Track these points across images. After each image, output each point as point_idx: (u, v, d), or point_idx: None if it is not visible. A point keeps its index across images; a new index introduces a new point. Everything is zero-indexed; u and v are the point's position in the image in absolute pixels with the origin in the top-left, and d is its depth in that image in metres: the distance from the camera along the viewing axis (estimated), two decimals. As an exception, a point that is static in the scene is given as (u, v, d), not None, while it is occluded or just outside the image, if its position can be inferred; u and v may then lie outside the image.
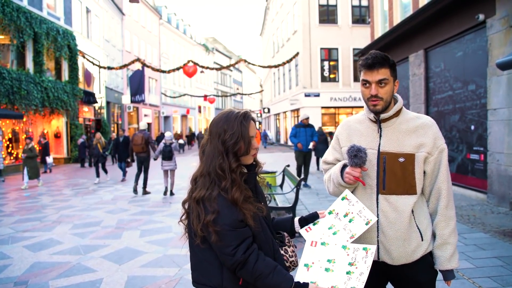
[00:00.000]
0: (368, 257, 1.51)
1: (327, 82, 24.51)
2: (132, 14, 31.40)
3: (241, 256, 1.43)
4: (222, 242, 1.44)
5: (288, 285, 1.43)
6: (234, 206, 1.45)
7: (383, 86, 1.69)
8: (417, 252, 1.71)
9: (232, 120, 1.52)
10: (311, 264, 1.55)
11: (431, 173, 1.73)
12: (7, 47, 15.24)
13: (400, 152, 1.71)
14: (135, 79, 20.98)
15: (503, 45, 6.37)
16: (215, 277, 1.53)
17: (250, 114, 1.56)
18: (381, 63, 1.68)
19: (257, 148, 1.56)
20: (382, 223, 1.71)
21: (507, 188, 6.32)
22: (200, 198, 1.48)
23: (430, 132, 1.72)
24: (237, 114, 1.55)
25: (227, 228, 1.44)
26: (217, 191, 1.47)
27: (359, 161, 1.64)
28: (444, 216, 1.73)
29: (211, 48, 52.86)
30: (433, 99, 8.99)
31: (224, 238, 1.44)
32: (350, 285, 1.46)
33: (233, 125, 1.50)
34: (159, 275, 4.14)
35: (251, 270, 1.43)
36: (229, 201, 1.45)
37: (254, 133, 1.55)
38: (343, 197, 1.70)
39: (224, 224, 1.43)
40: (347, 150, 1.68)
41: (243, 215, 1.45)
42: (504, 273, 3.69)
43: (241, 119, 1.52)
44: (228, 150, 1.49)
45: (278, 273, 1.45)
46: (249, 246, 1.46)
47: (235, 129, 1.50)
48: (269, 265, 1.46)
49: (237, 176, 1.48)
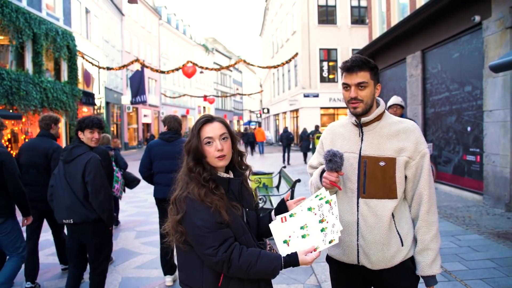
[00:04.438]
0: (333, 207, 1.57)
1: (326, 82, 24.52)
2: (131, 14, 31.41)
3: (222, 255, 1.46)
4: (202, 244, 1.48)
5: (278, 262, 1.48)
6: (203, 206, 1.49)
7: (362, 89, 1.71)
8: (397, 257, 1.71)
9: (194, 124, 1.62)
10: (288, 238, 1.60)
11: (413, 178, 1.74)
12: (6, 48, 15.25)
13: (381, 156, 1.71)
14: (135, 80, 20.97)
15: (499, 47, 6.38)
16: (196, 279, 1.57)
17: (206, 117, 1.61)
18: (360, 66, 1.69)
19: (220, 150, 1.55)
20: (361, 227, 1.72)
21: (502, 189, 6.33)
22: (173, 199, 1.56)
23: (412, 137, 1.73)
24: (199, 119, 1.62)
25: (206, 230, 1.47)
26: (187, 192, 1.53)
27: (334, 165, 1.64)
28: (426, 222, 1.73)
29: (211, 49, 52.87)
30: (430, 100, 9.00)
31: (203, 240, 1.47)
32: (327, 240, 1.53)
33: (192, 128, 1.59)
34: (153, 276, 4.16)
35: (238, 265, 1.46)
36: (197, 201, 1.50)
37: (213, 135, 1.56)
38: (328, 201, 1.64)
39: (201, 226, 1.47)
40: (324, 155, 1.68)
41: (215, 210, 1.48)
42: (496, 275, 3.70)
43: (196, 123, 1.60)
44: (189, 152, 1.58)
45: (264, 256, 1.49)
46: (231, 245, 1.49)
47: (192, 131, 1.59)
48: (254, 253, 1.50)
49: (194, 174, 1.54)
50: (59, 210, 3.04)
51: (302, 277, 3.95)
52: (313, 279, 3.91)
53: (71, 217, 2.96)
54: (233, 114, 61.85)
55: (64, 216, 2.99)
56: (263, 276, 1.52)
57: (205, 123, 1.58)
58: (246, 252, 1.49)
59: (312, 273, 4.04)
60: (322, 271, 3.96)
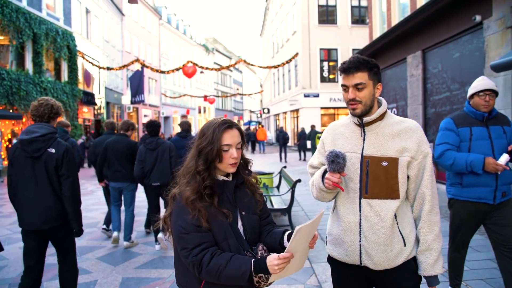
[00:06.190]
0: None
1: (326, 82, 24.50)
2: (131, 14, 31.41)
3: (192, 258, 1.48)
4: (178, 243, 1.53)
5: (247, 267, 1.43)
6: (188, 209, 1.51)
7: (360, 90, 1.69)
8: (400, 257, 1.71)
9: (210, 126, 1.59)
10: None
11: (415, 178, 1.73)
12: (6, 48, 15.26)
13: (383, 156, 1.70)
14: (135, 80, 20.99)
15: (500, 46, 6.36)
16: (181, 275, 1.62)
17: (227, 123, 1.59)
18: (356, 67, 1.68)
19: (235, 158, 1.57)
20: (364, 227, 1.71)
21: (503, 189, 6.31)
22: (171, 196, 1.61)
23: (415, 136, 1.72)
24: (216, 121, 1.60)
25: (183, 231, 1.50)
26: (179, 191, 1.58)
27: (337, 166, 1.63)
28: (428, 222, 1.72)
29: (211, 49, 52.88)
30: (431, 100, 8.99)
31: (179, 240, 1.52)
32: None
33: (208, 131, 1.57)
34: (153, 276, 4.15)
35: (207, 269, 1.46)
36: (184, 203, 1.53)
37: (232, 142, 1.56)
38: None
39: (179, 226, 1.51)
40: (326, 155, 1.67)
41: (196, 217, 1.49)
42: (497, 276, 3.68)
43: (216, 126, 1.57)
44: (200, 153, 1.57)
45: (235, 261, 1.46)
46: (203, 249, 1.49)
47: (208, 134, 1.56)
48: (225, 257, 1.47)
49: (198, 178, 1.54)
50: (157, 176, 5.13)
51: (303, 277, 3.94)
52: (314, 279, 3.90)
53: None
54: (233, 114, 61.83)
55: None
56: (234, 281, 1.45)
57: (226, 129, 1.57)
58: (218, 256, 1.47)
59: (312, 273, 4.03)
60: (322, 271, 3.95)
